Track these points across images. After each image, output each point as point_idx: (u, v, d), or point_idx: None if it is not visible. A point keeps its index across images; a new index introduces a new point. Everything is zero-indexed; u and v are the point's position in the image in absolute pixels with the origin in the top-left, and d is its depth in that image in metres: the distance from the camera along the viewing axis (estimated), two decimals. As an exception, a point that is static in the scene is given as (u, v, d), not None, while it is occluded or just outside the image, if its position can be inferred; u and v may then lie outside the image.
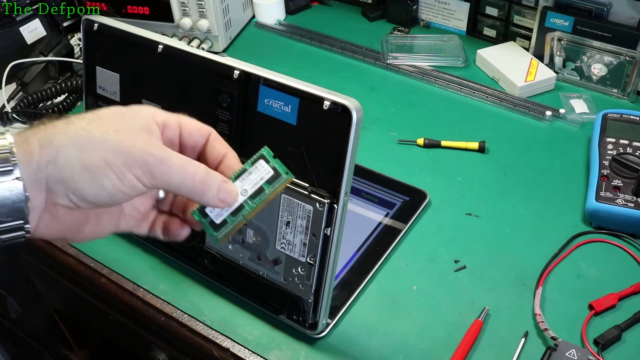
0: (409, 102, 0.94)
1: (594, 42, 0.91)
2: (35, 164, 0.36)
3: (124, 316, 0.77)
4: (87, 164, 0.36)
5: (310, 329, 0.60)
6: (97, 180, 0.37)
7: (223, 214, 0.43)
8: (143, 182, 0.38)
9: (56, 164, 0.36)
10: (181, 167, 0.39)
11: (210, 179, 0.40)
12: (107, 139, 0.37)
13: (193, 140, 0.43)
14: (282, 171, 0.43)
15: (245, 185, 0.42)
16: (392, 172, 0.80)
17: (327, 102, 0.50)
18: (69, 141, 0.37)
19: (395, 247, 0.70)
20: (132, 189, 0.38)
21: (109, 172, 0.37)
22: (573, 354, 0.56)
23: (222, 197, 0.41)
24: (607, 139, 0.77)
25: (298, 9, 1.19)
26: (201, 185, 0.40)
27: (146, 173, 0.38)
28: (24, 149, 0.36)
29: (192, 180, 0.39)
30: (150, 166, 0.38)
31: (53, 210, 0.38)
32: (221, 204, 0.42)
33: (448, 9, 1.09)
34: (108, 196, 0.38)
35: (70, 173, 0.36)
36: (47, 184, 0.37)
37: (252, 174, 0.43)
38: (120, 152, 0.37)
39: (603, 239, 0.70)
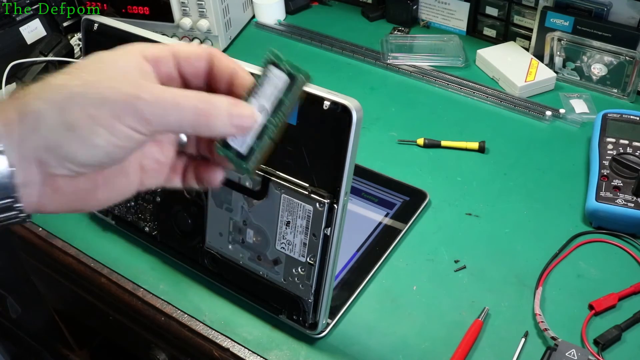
0: (409, 102, 0.94)
1: (594, 42, 0.91)
2: (17, 135, 0.33)
3: (124, 316, 0.77)
4: (71, 124, 0.32)
5: (310, 329, 0.60)
6: (87, 139, 0.33)
7: (247, 141, 0.37)
8: (138, 131, 0.34)
9: (39, 132, 0.32)
10: (175, 103, 0.34)
11: (213, 107, 0.35)
12: (88, 92, 0.33)
13: (193, 67, 0.38)
14: (296, 73, 0.37)
15: (262, 101, 0.37)
16: (392, 172, 0.80)
17: (327, 102, 0.50)
18: (47, 103, 0.33)
19: (395, 247, 0.70)
20: (128, 140, 0.34)
21: (98, 128, 0.33)
22: (573, 354, 0.56)
23: (235, 123, 0.36)
24: (607, 139, 0.77)
25: (298, 9, 1.19)
26: (205, 117, 0.35)
27: (139, 119, 0.33)
28: (2, 120, 0.33)
29: (191, 113, 0.34)
30: (142, 111, 0.33)
31: (52, 182, 0.34)
32: (238, 130, 0.36)
33: (448, 9, 1.09)
34: (104, 155, 0.34)
35: (55, 138, 0.33)
36: (36, 154, 0.33)
37: (265, 86, 0.37)
38: (104, 103, 0.33)
39: (603, 239, 0.70)
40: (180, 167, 0.42)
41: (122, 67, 0.35)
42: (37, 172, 0.34)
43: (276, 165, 0.56)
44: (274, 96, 0.37)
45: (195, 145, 0.42)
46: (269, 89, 0.37)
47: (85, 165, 0.34)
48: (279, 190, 0.56)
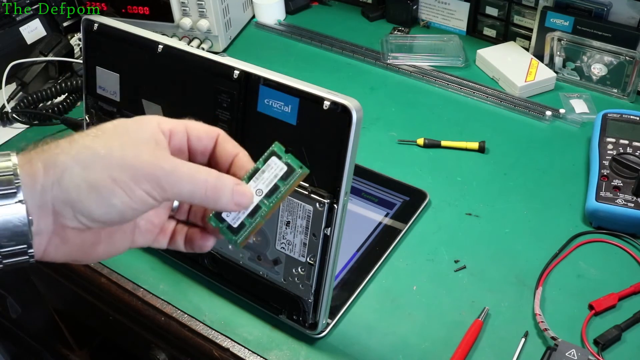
0: (409, 102, 0.94)
1: (594, 42, 0.91)
2: (39, 186, 0.35)
3: (124, 316, 0.77)
4: (93, 183, 0.35)
5: (310, 329, 0.60)
6: (105, 199, 0.35)
7: (240, 217, 0.41)
8: (153, 196, 0.37)
9: (61, 185, 0.35)
10: (191, 176, 0.38)
11: (222, 184, 0.39)
12: (112, 155, 0.36)
13: (202, 144, 0.41)
14: (295, 166, 0.41)
15: (260, 185, 0.41)
16: (392, 172, 0.80)
17: (327, 102, 0.50)
18: (73, 160, 0.35)
19: (395, 247, 0.70)
20: (143, 204, 0.37)
21: (117, 190, 0.35)
22: (573, 354, 0.56)
23: (237, 201, 0.40)
24: (607, 139, 0.77)
25: (298, 9, 1.19)
26: (214, 192, 0.38)
27: (155, 187, 0.36)
28: (27, 171, 0.35)
29: (203, 188, 0.38)
30: (159, 179, 0.36)
31: (62, 233, 0.37)
32: (237, 208, 0.40)
33: (448, 9, 1.09)
34: (118, 214, 0.36)
35: (76, 194, 0.35)
36: (54, 206, 0.35)
37: (265, 173, 0.41)
38: (126, 168, 0.36)
39: (603, 239, 0.70)
40: (169, 230, 0.45)
41: (142, 136, 0.38)
42: (51, 222, 0.36)
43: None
44: (271, 182, 0.41)
45: (187, 212, 0.45)
46: (268, 176, 0.41)
47: (98, 221, 0.37)
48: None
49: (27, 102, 0.94)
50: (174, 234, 0.45)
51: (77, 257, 0.40)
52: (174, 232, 0.45)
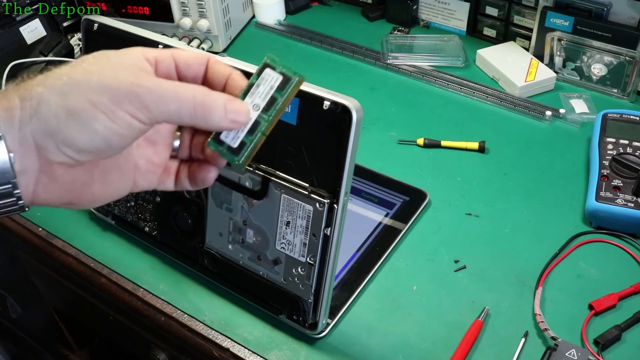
0: (409, 102, 0.94)
1: (594, 42, 0.91)
2: (17, 120, 0.33)
3: (124, 316, 0.77)
4: (71, 109, 0.33)
5: (310, 329, 0.60)
6: (86, 124, 0.33)
7: (240, 136, 0.39)
8: (138, 118, 0.34)
9: (39, 116, 0.33)
10: (176, 92, 0.35)
11: (211, 100, 0.37)
12: (90, 80, 0.34)
13: (192, 71, 0.39)
14: (290, 73, 0.39)
15: (256, 100, 0.39)
16: (392, 172, 0.80)
17: (327, 102, 0.50)
18: (50, 89, 0.34)
19: (395, 247, 0.70)
20: (128, 127, 0.34)
21: (97, 113, 0.33)
22: (573, 354, 0.56)
23: (231, 117, 0.37)
24: (607, 139, 0.77)
25: (298, 9, 1.19)
26: (203, 108, 0.36)
27: (139, 107, 0.34)
28: (4, 105, 0.34)
29: (191, 104, 0.36)
30: (142, 98, 0.34)
31: (49, 170, 0.35)
32: (233, 125, 0.38)
33: (448, 9, 1.09)
34: (102, 141, 0.34)
35: (55, 123, 0.33)
36: (35, 140, 0.33)
37: (260, 86, 0.39)
38: (105, 90, 0.34)
39: (603, 239, 0.70)
40: (173, 170, 0.43)
41: (123, 62, 0.36)
42: (36, 158, 0.34)
43: (276, 165, 0.56)
44: (268, 95, 0.39)
45: (188, 148, 0.43)
46: (264, 89, 0.39)
47: (83, 151, 0.34)
48: (279, 190, 0.56)
49: (27, 102, 0.94)
50: (179, 173, 0.43)
51: (71, 199, 0.37)
52: (178, 172, 0.43)
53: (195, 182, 0.42)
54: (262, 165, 0.57)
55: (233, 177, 0.59)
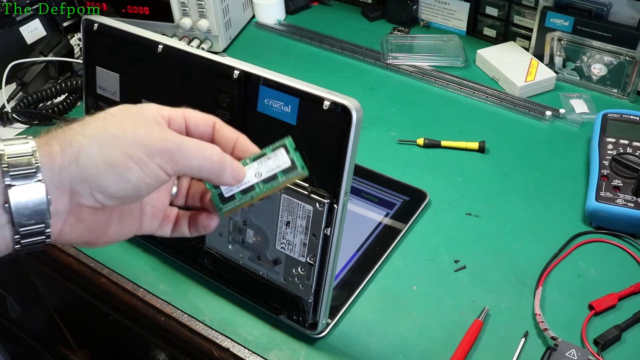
0: (409, 102, 0.94)
1: (594, 42, 0.91)
2: (57, 166, 0.37)
3: (124, 316, 0.77)
4: (109, 160, 0.37)
5: (310, 329, 0.60)
6: (122, 174, 0.37)
7: (233, 190, 0.44)
8: (165, 170, 0.39)
9: (79, 164, 0.37)
10: (199, 150, 0.40)
11: (224, 159, 0.42)
12: (126, 134, 0.38)
13: (199, 131, 0.43)
14: (298, 165, 0.43)
15: (261, 169, 0.43)
16: (392, 172, 0.80)
17: (327, 102, 0.50)
18: (89, 140, 0.37)
19: (395, 247, 0.70)
20: (156, 178, 0.39)
21: (133, 165, 0.37)
22: (573, 354, 0.56)
23: (235, 176, 0.42)
24: (607, 139, 0.77)
25: (298, 9, 1.19)
26: (219, 165, 0.41)
27: (168, 160, 0.38)
28: (45, 151, 0.37)
29: (210, 161, 0.41)
30: (171, 153, 0.39)
31: (77, 213, 0.39)
32: (234, 182, 0.43)
33: (448, 9, 1.09)
34: (133, 189, 0.38)
35: (94, 171, 0.37)
36: (71, 185, 0.37)
37: (270, 160, 0.44)
38: (140, 144, 0.38)
39: (603, 239, 0.70)
40: (172, 217, 0.47)
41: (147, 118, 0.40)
42: (68, 201, 0.38)
43: (276, 165, 0.56)
44: (272, 171, 0.43)
45: (184, 196, 0.47)
46: (272, 164, 0.44)
47: (114, 197, 0.38)
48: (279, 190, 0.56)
49: (27, 102, 0.94)
50: (177, 221, 0.47)
51: (90, 239, 0.41)
52: (177, 220, 0.47)
53: (197, 228, 0.46)
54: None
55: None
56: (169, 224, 0.47)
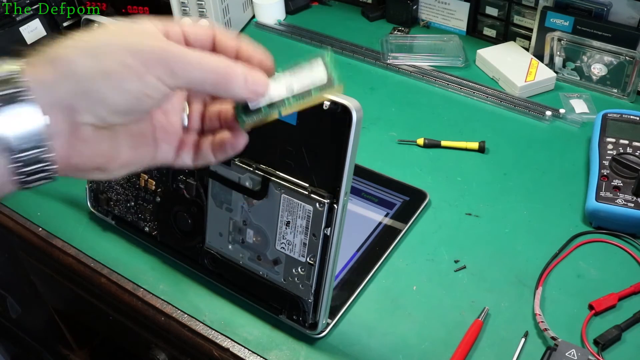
0: (409, 102, 0.94)
1: (594, 42, 0.91)
2: (50, 83, 0.34)
3: (124, 316, 0.77)
4: (106, 70, 0.34)
5: (310, 329, 0.60)
6: (119, 84, 0.35)
7: (260, 103, 0.40)
8: (164, 82, 0.36)
9: (73, 77, 0.34)
10: (200, 60, 0.37)
11: (232, 70, 0.38)
12: (120, 43, 0.35)
13: (200, 42, 0.40)
14: (335, 81, 0.40)
15: (294, 82, 0.40)
16: (392, 172, 0.80)
17: (327, 102, 0.50)
18: (82, 52, 0.35)
19: (395, 247, 0.70)
20: (155, 90, 0.36)
21: (131, 75, 0.35)
22: (573, 354, 0.56)
23: (251, 87, 0.39)
24: (607, 139, 0.77)
25: (298, 9, 1.19)
26: (225, 76, 0.38)
27: (167, 71, 0.36)
28: (34, 70, 0.34)
29: (215, 71, 0.37)
30: (169, 63, 0.36)
31: (79, 133, 0.35)
32: (253, 95, 0.39)
33: (448, 9, 1.09)
34: (133, 101, 0.35)
35: (90, 83, 0.34)
36: (66, 101, 0.34)
37: (304, 72, 0.40)
38: (137, 53, 0.35)
39: (603, 239, 0.70)
40: (190, 143, 0.43)
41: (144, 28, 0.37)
42: (66, 120, 0.35)
43: (276, 165, 0.56)
44: (305, 84, 0.40)
45: (199, 120, 0.44)
46: (306, 77, 0.40)
47: (115, 110, 0.36)
48: (279, 190, 0.56)
49: (27, 102, 0.94)
50: (199, 146, 0.43)
51: (102, 163, 0.38)
52: (198, 146, 0.43)
53: (224, 149, 0.43)
54: (262, 165, 0.57)
55: (233, 177, 0.59)
56: (189, 152, 0.43)
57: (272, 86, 0.40)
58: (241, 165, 0.58)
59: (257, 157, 0.57)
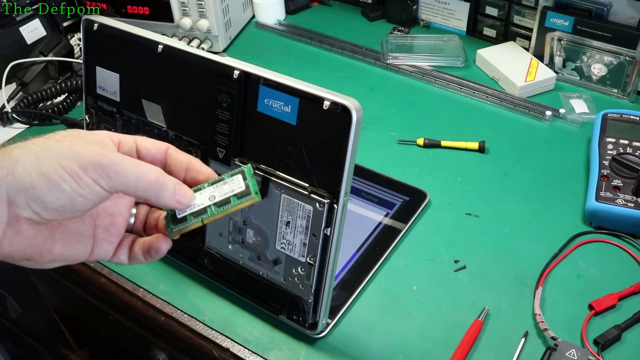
0: (409, 102, 0.94)
1: (594, 42, 0.91)
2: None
3: (124, 316, 0.77)
4: (44, 170, 0.37)
5: (310, 329, 0.60)
6: (55, 184, 0.38)
7: (186, 212, 0.44)
8: (100, 184, 0.39)
9: (15, 174, 0.37)
10: (135, 167, 0.40)
11: (164, 179, 0.42)
12: (62, 147, 0.39)
13: (150, 155, 0.44)
14: (252, 190, 0.45)
15: (216, 193, 0.45)
16: (392, 172, 0.80)
17: (327, 102, 0.50)
18: (27, 152, 0.38)
19: (395, 247, 0.70)
20: (91, 192, 0.39)
21: (65, 175, 0.38)
22: (573, 354, 0.56)
23: (178, 198, 0.43)
24: (607, 139, 0.77)
25: (298, 9, 1.19)
26: (157, 185, 0.41)
27: (102, 175, 0.39)
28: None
29: (147, 179, 0.41)
30: (105, 167, 0.39)
31: (16, 225, 0.38)
32: (178, 205, 0.43)
33: (448, 9, 1.09)
34: (68, 200, 0.38)
35: (28, 181, 0.37)
36: (8, 195, 0.37)
37: (226, 185, 0.45)
38: (74, 157, 0.38)
39: (603, 239, 0.70)
40: (127, 244, 0.47)
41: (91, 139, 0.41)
42: (5, 212, 0.38)
43: (276, 165, 0.56)
44: (226, 194, 0.45)
45: (143, 224, 0.48)
46: (227, 188, 0.45)
47: (49, 208, 0.38)
48: (279, 190, 0.56)
49: (27, 102, 0.94)
50: (132, 248, 0.47)
51: (32, 254, 0.41)
52: (132, 247, 0.47)
53: (150, 252, 0.46)
54: (262, 165, 0.57)
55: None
56: (125, 252, 0.47)
57: (197, 197, 0.44)
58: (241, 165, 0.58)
59: (257, 157, 0.57)
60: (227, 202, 0.44)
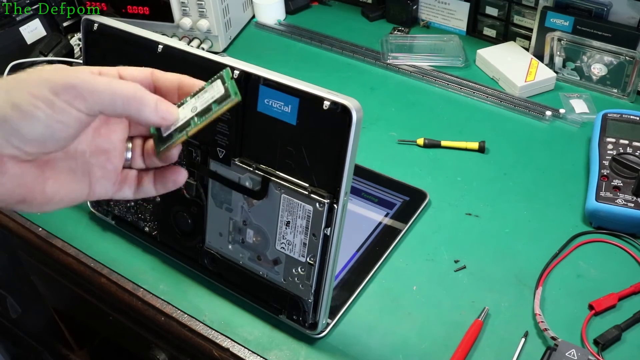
0: (409, 102, 0.94)
1: (594, 42, 0.91)
2: None
3: (124, 316, 0.77)
4: (16, 102, 0.36)
5: (310, 329, 0.60)
6: (29, 113, 0.36)
7: (171, 129, 0.43)
8: (75, 106, 0.37)
9: None
10: (109, 83, 0.39)
11: (143, 94, 0.40)
12: (31, 77, 0.37)
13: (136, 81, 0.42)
14: (232, 92, 0.42)
15: (197, 103, 0.43)
16: (392, 172, 0.80)
17: (327, 102, 0.50)
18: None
19: (395, 247, 0.70)
20: (68, 116, 0.37)
21: (38, 103, 0.36)
22: (573, 354, 0.56)
23: (162, 115, 0.41)
24: (607, 139, 0.77)
25: (298, 9, 1.19)
26: (135, 99, 0.39)
27: (76, 96, 0.37)
28: None
29: (122, 94, 0.39)
30: (77, 88, 0.37)
31: (2, 166, 0.37)
32: (163, 121, 0.42)
33: (448, 9, 1.09)
34: (45, 128, 0.37)
35: (2, 115, 0.36)
36: None
37: (206, 93, 0.43)
38: (44, 83, 0.37)
39: (603, 239, 0.70)
40: (131, 178, 0.45)
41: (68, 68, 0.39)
42: None
43: (276, 165, 0.56)
44: (207, 102, 0.43)
45: (141, 157, 0.46)
46: (207, 96, 0.43)
47: (29, 140, 0.37)
48: (279, 190, 0.56)
49: (27, 102, 0.94)
50: (140, 181, 0.46)
51: (24, 195, 0.39)
52: (139, 180, 0.46)
53: (165, 184, 0.46)
54: (262, 165, 0.57)
55: (233, 177, 0.59)
56: (128, 187, 0.45)
57: (180, 112, 0.43)
58: (241, 165, 0.58)
59: (257, 157, 0.57)
60: (208, 110, 0.43)
